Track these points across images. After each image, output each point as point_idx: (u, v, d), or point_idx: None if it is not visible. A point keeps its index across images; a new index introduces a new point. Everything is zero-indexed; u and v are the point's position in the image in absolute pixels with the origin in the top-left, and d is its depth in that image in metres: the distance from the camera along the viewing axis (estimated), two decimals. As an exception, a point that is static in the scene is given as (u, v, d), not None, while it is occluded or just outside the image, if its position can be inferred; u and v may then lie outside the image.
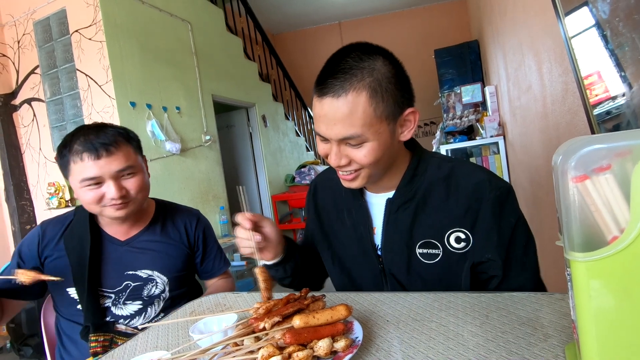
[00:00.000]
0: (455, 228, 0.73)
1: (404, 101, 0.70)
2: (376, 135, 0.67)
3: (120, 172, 0.95)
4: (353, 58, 0.66)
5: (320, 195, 0.95)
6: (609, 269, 0.35)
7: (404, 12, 6.07)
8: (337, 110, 0.65)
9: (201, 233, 1.17)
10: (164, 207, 1.17)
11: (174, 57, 3.14)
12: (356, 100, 0.64)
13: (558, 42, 1.18)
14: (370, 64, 0.66)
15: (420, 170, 0.77)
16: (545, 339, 0.51)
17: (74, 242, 1.01)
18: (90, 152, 0.92)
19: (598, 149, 0.35)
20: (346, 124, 0.65)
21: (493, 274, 0.73)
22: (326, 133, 0.68)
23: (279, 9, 5.58)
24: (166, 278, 1.07)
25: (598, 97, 0.89)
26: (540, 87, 1.55)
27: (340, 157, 0.70)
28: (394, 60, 0.70)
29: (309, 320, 0.52)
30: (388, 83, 0.67)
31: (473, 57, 3.99)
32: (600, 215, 0.35)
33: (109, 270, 1.03)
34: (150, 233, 1.09)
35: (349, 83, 0.64)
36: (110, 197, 0.94)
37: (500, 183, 0.74)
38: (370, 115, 0.65)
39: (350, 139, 0.67)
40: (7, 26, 2.84)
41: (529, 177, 2.08)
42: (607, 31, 0.74)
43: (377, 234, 0.82)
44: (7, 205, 2.83)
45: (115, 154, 0.95)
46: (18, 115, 2.87)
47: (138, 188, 0.99)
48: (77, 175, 0.94)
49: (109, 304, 1.02)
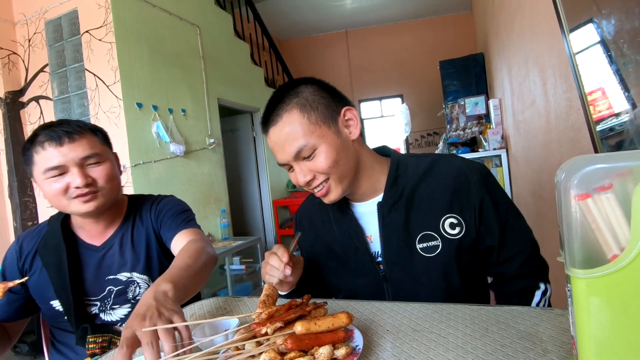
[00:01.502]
0: (447, 214, 0.77)
1: (336, 104, 0.77)
2: (321, 139, 0.74)
3: (84, 160, 0.91)
4: (279, 93, 0.77)
5: (305, 223, 0.97)
6: (609, 287, 0.36)
7: (410, 23, 6.13)
8: (280, 133, 0.74)
9: (162, 207, 1.07)
10: (135, 201, 1.10)
11: (181, 60, 3.17)
12: (290, 118, 0.74)
13: (563, 59, 1.19)
14: (294, 90, 0.76)
15: (402, 170, 0.82)
16: (545, 354, 0.51)
17: (50, 253, 0.97)
18: (53, 139, 0.88)
19: (600, 169, 0.36)
20: (291, 140, 0.73)
21: (490, 244, 0.78)
22: (283, 158, 0.77)
23: (287, 15, 5.64)
24: (146, 277, 1.02)
25: (601, 113, 0.90)
26: (544, 102, 1.56)
27: (305, 174, 0.76)
28: (314, 80, 0.79)
29: (310, 327, 0.53)
30: (313, 96, 0.75)
31: (478, 70, 4.02)
32: (601, 233, 0.36)
33: (90, 278, 0.99)
34: (125, 231, 1.04)
35: (281, 109, 0.74)
36: (75, 185, 0.88)
37: (476, 164, 0.81)
38: (306, 124, 0.73)
39: (301, 152, 0.74)
40: (19, 24, 2.89)
41: (532, 191, 2.08)
42: (612, 52, 0.75)
43: (373, 242, 0.83)
44: (10, 201, 2.84)
45: (79, 140, 0.90)
46: (25, 113, 2.90)
47: (105, 177, 0.93)
48: (40, 166, 0.89)
49: (96, 311, 0.99)
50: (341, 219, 0.86)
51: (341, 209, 0.86)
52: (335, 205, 0.86)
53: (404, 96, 6.25)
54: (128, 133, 2.57)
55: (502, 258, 0.80)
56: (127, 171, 2.56)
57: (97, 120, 2.62)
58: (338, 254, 0.87)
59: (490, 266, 0.82)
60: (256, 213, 4.59)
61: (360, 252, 0.83)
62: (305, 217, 0.98)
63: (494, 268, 0.82)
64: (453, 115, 3.95)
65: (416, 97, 6.10)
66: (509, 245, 0.79)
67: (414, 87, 6.12)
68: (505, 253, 0.79)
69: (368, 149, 0.84)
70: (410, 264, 0.78)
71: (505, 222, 0.79)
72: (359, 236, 0.83)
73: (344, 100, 0.80)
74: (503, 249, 0.79)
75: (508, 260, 0.80)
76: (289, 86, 0.78)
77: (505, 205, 0.80)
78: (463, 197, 0.77)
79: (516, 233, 0.80)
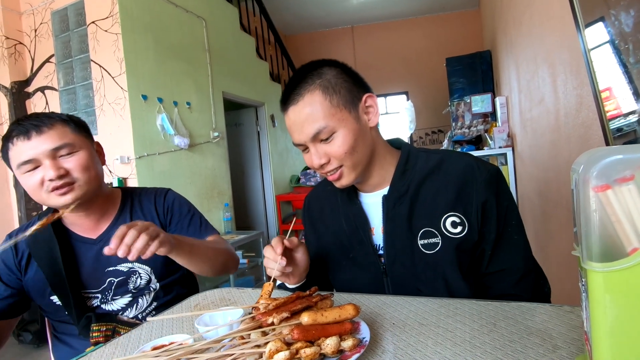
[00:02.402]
0: (450, 212, 0.75)
1: (357, 89, 0.77)
2: (341, 123, 0.73)
3: (55, 151, 0.88)
4: (302, 73, 0.76)
5: (314, 208, 0.97)
6: (627, 281, 0.35)
7: (417, 19, 6.08)
8: (299, 113, 0.74)
9: (170, 204, 1.09)
10: (130, 193, 1.10)
11: (187, 52, 3.16)
12: (312, 98, 0.73)
13: (575, 55, 1.17)
14: (317, 71, 0.75)
15: (411, 164, 0.81)
16: (554, 350, 0.50)
17: (40, 248, 0.96)
18: (21, 134, 0.87)
19: (621, 159, 0.35)
20: (310, 121, 0.73)
21: (483, 248, 0.75)
22: (300, 138, 0.75)
23: (293, 10, 5.61)
24: (148, 267, 1.02)
25: (609, 113, 0.88)
26: (553, 99, 1.54)
27: (320, 156, 0.75)
28: (337, 63, 0.78)
29: (317, 318, 0.52)
30: (336, 79, 0.75)
31: (485, 67, 3.99)
32: (620, 226, 0.35)
33: (88, 271, 0.99)
34: (122, 222, 1.02)
35: (303, 89, 0.74)
36: (48, 178, 0.86)
37: (489, 165, 0.77)
38: (327, 106, 0.73)
39: (320, 134, 0.73)
40: (25, 14, 2.88)
41: (537, 190, 2.07)
42: (630, 45, 0.73)
43: (375, 234, 0.83)
44: (15, 191, 2.86)
45: (47, 132, 0.88)
46: (31, 103, 2.90)
47: (80, 167, 0.90)
48: (14, 162, 0.88)
49: (97, 303, 0.99)
50: (349, 208, 0.85)
51: (350, 198, 0.86)
52: (345, 194, 0.86)
53: (409, 93, 6.22)
54: (133, 125, 2.57)
55: (491, 270, 0.75)
56: (131, 163, 2.56)
57: (102, 111, 2.62)
58: (343, 243, 0.86)
59: (480, 277, 0.77)
60: (259, 207, 4.59)
61: (364, 243, 0.82)
62: (315, 202, 0.97)
63: (482, 279, 0.77)
64: (458, 113, 3.93)
65: (421, 94, 6.06)
66: (501, 258, 0.75)
67: (420, 84, 6.09)
68: (495, 265, 0.75)
69: (383, 139, 0.83)
70: (410, 259, 0.77)
71: (503, 231, 0.75)
72: (364, 227, 0.82)
73: (366, 87, 0.79)
74: (493, 260, 0.75)
75: (496, 274, 0.76)
76: (312, 66, 0.77)
77: (510, 213, 0.75)
78: (468, 195, 0.74)
79: (512, 247, 0.75)
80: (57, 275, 0.94)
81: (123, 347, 0.69)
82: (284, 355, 0.47)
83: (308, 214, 0.98)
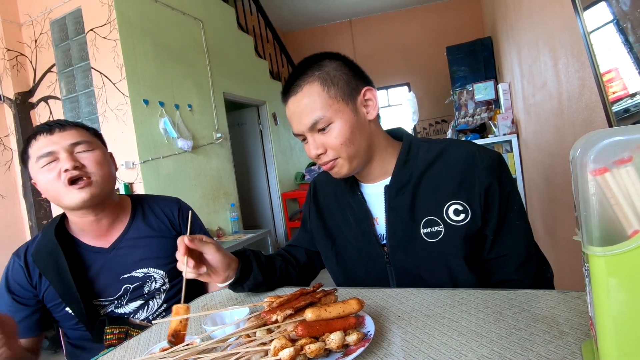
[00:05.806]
0: (452, 201, 0.75)
1: (357, 82, 0.78)
2: (338, 114, 0.74)
3: (73, 146, 0.94)
4: (303, 65, 0.78)
5: (320, 193, 0.97)
6: (629, 264, 0.34)
7: (415, 9, 6.02)
8: (298, 103, 0.76)
9: (182, 211, 1.13)
10: (140, 200, 1.12)
11: (186, 55, 3.17)
12: (310, 90, 0.75)
13: (575, 38, 1.15)
14: (318, 64, 0.77)
15: (412, 154, 0.81)
16: (561, 337, 0.50)
17: (44, 259, 0.95)
18: (44, 130, 0.94)
19: (619, 141, 0.34)
20: (308, 111, 0.74)
21: (485, 234, 0.75)
22: (298, 128, 0.77)
23: (290, 7, 5.59)
24: (163, 271, 1.04)
25: (616, 94, 0.87)
26: (556, 83, 1.52)
27: (317, 146, 0.76)
28: (339, 56, 0.79)
29: (321, 314, 0.52)
30: (335, 71, 0.76)
31: (486, 54, 3.93)
32: (620, 208, 0.34)
33: (102, 280, 0.99)
34: (134, 230, 1.05)
35: (302, 80, 0.76)
36: (64, 169, 0.90)
37: (490, 152, 0.78)
38: (325, 97, 0.74)
39: (317, 124, 0.74)
40: (24, 26, 2.91)
41: (544, 176, 2.04)
42: (628, 23, 0.72)
43: (379, 224, 0.83)
44: (25, 200, 2.90)
45: (69, 130, 0.95)
46: (35, 113, 2.93)
47: (95, 162, 0.95)
48: (34, 156, 0.93)
49: (110, 309, 1.00)
50: (351, 198, 0.86)
51: (352, 189, 0.86)
52: (347, 185, 0.87)
53: (410, 84, 6.17)
54: (136, 130, 2.59)
55: (493, 255, 0.76)
56: (136, 168, 2.58)
57: (105, 118, 2.64)
58: (347, 234, 0.87)
59: (482, 263, 0.77)
60: (265, 206, 4.61)
61: (367, 233, 0.82)
62: (321, 187, 0.98)
63: (484, 266, 0.77)
64: (461, 102, 3.89)
65: (423, 84, 6.01)
66: (503, 243, 0.75)
67: (421, 74, 6.03)
68: (497, 250, 0.75)
69: (383, 132, 0.84)
70: (413, 248, 0.77)
71: (505, 216, 0.75)
72: (367, 217, 0.83)
73: (366, 80, 0.80)
74: (495, 245, 0.75)
75: (498, 259, 0.76)
76: (313, 59, 0.78)
77: (512, 198, 0.76)
78: (470, 182, 0.75)
79: (514, 232, 0.76)
80: (66, 287, 0.94)
81: (133, 350, 0.70)
82: (289, 352, 0.47)
83: (314, 199, 0.98)
